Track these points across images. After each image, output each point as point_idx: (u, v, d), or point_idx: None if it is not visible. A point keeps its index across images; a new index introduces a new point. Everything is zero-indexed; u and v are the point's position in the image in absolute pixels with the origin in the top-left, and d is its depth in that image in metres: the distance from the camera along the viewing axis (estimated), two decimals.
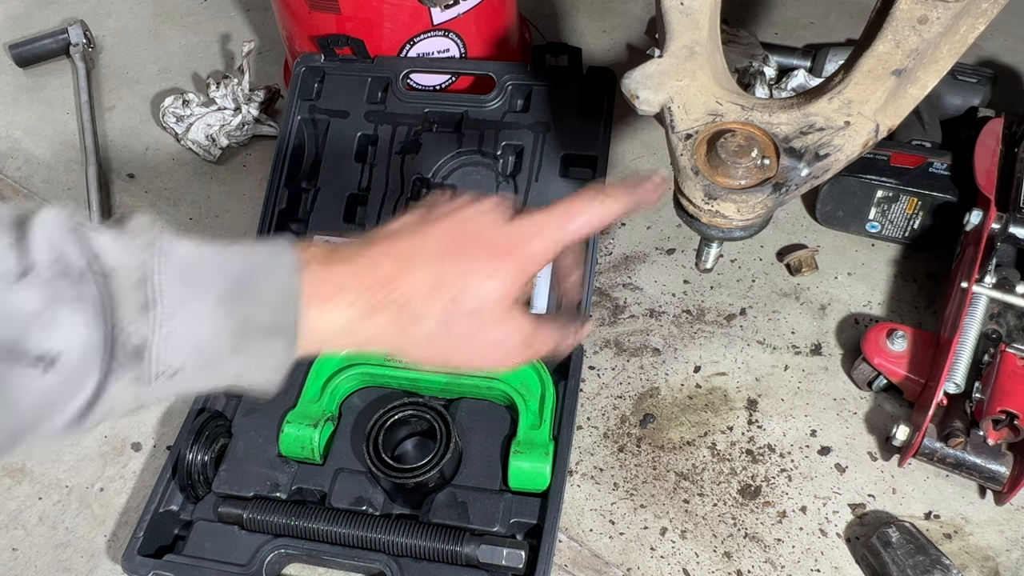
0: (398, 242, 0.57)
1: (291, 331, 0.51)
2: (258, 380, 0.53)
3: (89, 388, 0.46)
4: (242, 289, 0.50)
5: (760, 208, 0.74)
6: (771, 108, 0.77)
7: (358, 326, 0.54)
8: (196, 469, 0.92)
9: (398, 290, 0.55)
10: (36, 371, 0.44)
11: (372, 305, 0.54)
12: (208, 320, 0.49)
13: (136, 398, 0.49)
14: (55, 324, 0.44)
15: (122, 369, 0.47)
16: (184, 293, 0.48)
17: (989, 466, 0.89)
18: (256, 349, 0.51)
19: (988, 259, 0.95)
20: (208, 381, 0.51)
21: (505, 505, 0.89)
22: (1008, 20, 1.10)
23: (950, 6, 0.67)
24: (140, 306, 0.47)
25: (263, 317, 0.50)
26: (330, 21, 1.19)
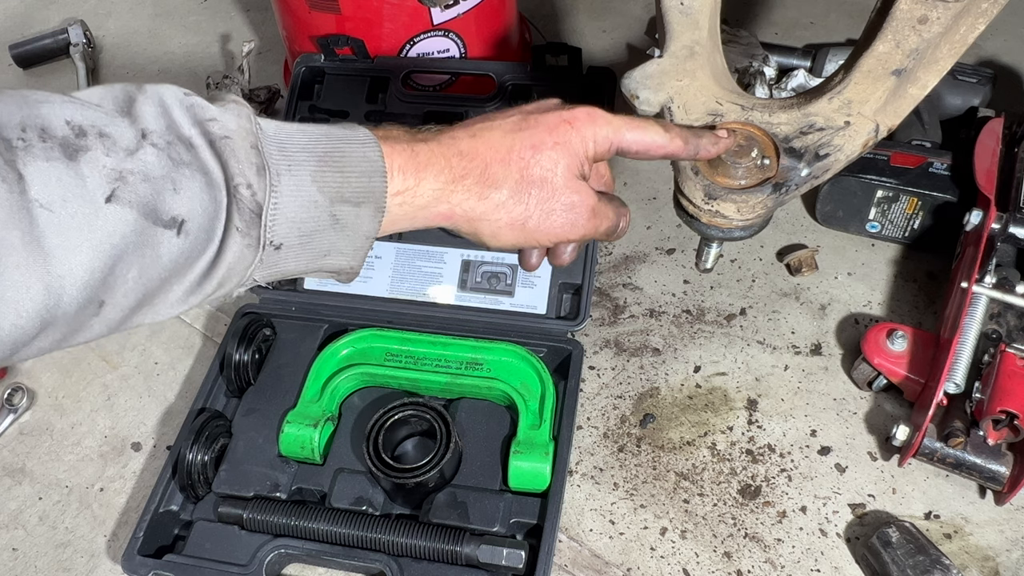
0: (471, 125, 0.63)
1: (379, 199, 0.56)
2: (344, 259, 0.57)
3: (209, 253, 0.49)
4: (331, 162, 0.54)
5: (760, 208, 0.74)
6: (771, 108, 0.77)
7: (447, 192, 0.60)
8: (196, 469, 0.92)
9: (478, 157, 0.60)
10: (171, 233, 0.46)
11: (458, 173, 0.60)
12: (307, 190, 0.52)
13: (247, 266, 0.51)
14: (179, 188, 0.46)
15: (244, 229, 0.50)
16: (284, 163, 0.51)
17: (989, 466, 0.89)
18: (348, 220, 0.55)
19: (988, 259, 0.95)
20: (302, 259, 0.55)
21: (505, 505, 0.89)
22: (1008, 20, 1.10)
23: (950, 6, 0.67)
24: (258, 168, 0.50)
25: (353, 186, 0.54)
26: (330, 21, 1.19)
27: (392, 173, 0.57)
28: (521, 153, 0.61)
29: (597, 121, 0.64)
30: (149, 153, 0.46)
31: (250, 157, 0.49)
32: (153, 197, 0.45)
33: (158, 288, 0.48)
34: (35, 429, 1.07)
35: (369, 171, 0.55)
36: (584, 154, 0.63)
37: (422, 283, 1.08)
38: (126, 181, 0.44)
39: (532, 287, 1.05)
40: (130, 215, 0.44)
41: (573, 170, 0.63)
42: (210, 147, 0.48)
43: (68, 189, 0.43)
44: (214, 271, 0.50)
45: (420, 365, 0.99)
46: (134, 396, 1.09)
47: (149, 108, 0.48)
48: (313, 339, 1.05)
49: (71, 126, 0.44)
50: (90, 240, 0.43)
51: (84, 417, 1.07)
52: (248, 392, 1.01)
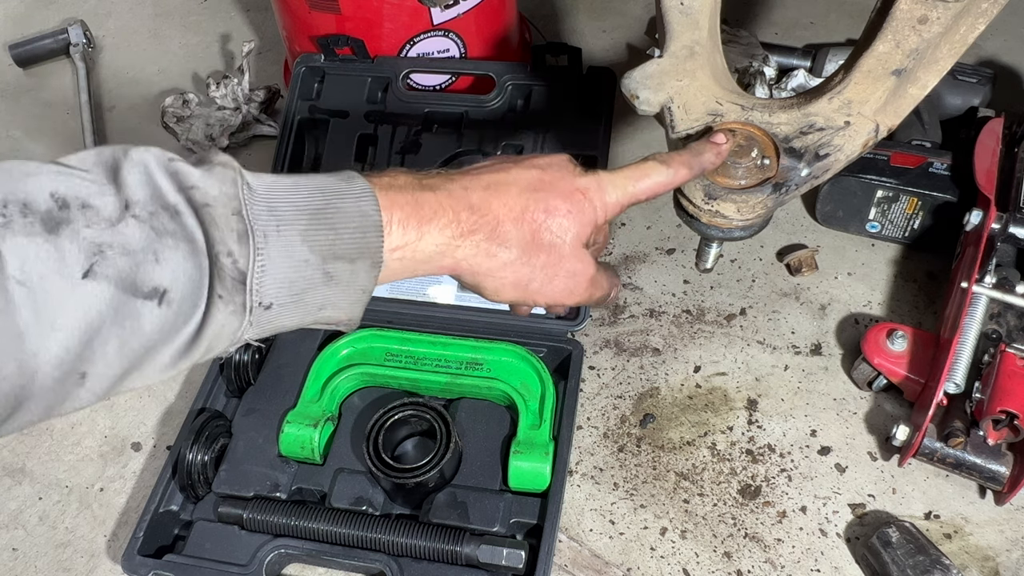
0: (484, 175, 0.61)
1: (375, 254, 0.55)
2: (341, 312, 0.56)
3: (195, 320, 0.48)
4: (323, 218, 0.52)
5: (760, 208, 0.74)
6: (771, 108, 0.77)
7: (452, 247, 0.58)
8: (196, 469, 0.92)
9: (490, 212, 0.59)
10: (152, 304, 0.46)
11: (467, 227, 0.58)
12: (298, 250, 0.51)
13: (235, 331, 0.51)
14: (160, 259, 0.46)
15: (227, 296, 0.49)
16: (272, 225, 0.50)
17: (989, 466, 0.89)
18: (342, 276, 0.54)
19: (988, 259, 0.95)
20: (296, 316, 0.53)
21: (505, 505, 0.89)
22: (1008, 20, 1.10)
23: (950, 6, 0.67)
24: (240, 234, 0.48)
25: (346, 243, 0.53)
26: (330, 21, 1.19)
27: (391, 227, 0.55)
28: (535, 215, 0.61)
29: (606, 189, 0.64)
30: (131, 225, 0.45)
31: (230, 224, 0.48)
32: (132, 270, 0.45)
33: (143, 357, 0.48)
34: (35, 429, 1.07)
35: (364, 226, 0.54)
36: (595, 223, 0.64)
37: (422, 283, 1.07)
38: (104, 255, 0.44)
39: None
40: (107, 290, 0.44)
41: (581, 239, 0.63)
42: (194, 214, 0.48)
43: (45, 265, 0.42)
44: (200, 338, 0.49)
45: (420, 365, 0.99)
46: (134, 396, 1.09)
47: (133, 176, 0.47)
48: (313, 339, 1.05)
49: (55, 198, 0.44)
50: (65, 317, 0.43)
51: (84, 417, 1.07)
52: (248, 392, 1.01)
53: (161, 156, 0.49)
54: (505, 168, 0.63)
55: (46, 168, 0.46)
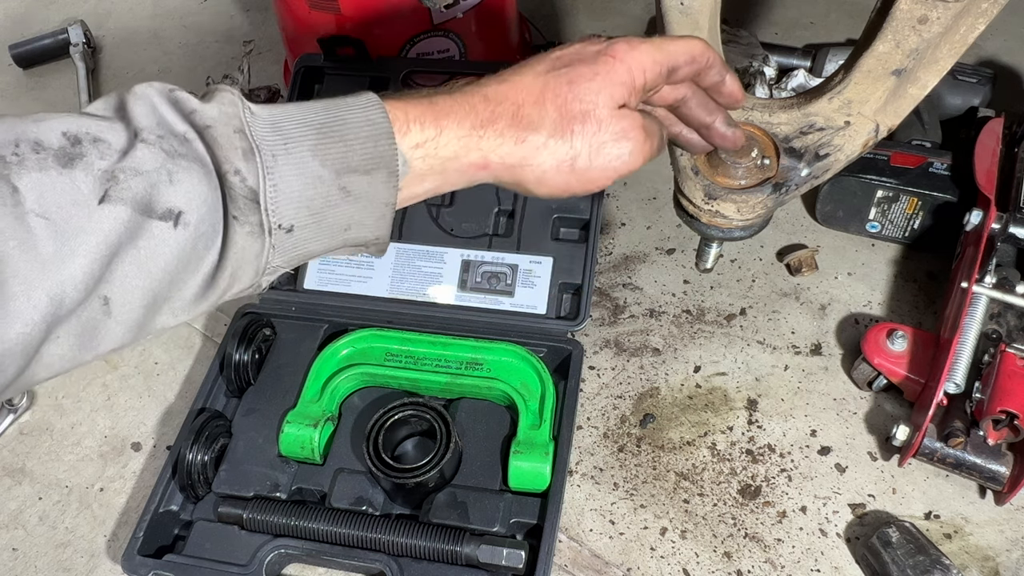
0: (501, 73, 0.58)
1: (390, 163, 0.53)
2: (367, 230, 0.54)
3: (216, 245, 0.49)
4: (331, 132, 0.51)
5: (760, 208, 0.74)
6: (771, 108, 0.77)
7: (475, 139, 0.55)
8: (196, 469, 0.92)
9: (507, 99, 0.56)
10: (167, 225, 0.46)
11: (485, 117, 0.55)
12: (309, 166, 0.50)
13: (258, 254, 0.50)
14: (174, 179, 0.46)
15: (242, 217, 0.49)
16: (279, 142, 0.50)
17: (989, 466, 0.89)
18: (360, 190, 0.52)
19: (988, 259, 0.95)
20: (321, 238, 0.53)
21: (505, 505, 0.89)
22: (1008, 20, 1.10)
23: (950, 6, 0.67)
24: (245, 152, 0.48)
25: (358, 154, 0.52)
26: (330, 21, 1.19)
27: (408, 125, 0.54)
28: (556, 90, 0.57)
29: (639, 48, 0.58)
30: (140, 149, 0.46)
31: (233, 142, 0.48)
32: (147, 191, 0.46)
33: (167, 285, 0.48)
34: (35, 429, 1.07)
35: (374, 135, 0.52)
36: (632, 85, 0.58)
37: (422, 283, 1.07)
38: (117, 180, 0.45)
39: (532, 287, 1.05)
40: (123, 212, 0.45)
41: (616, 100, 0.58)
42: (200, 138, 0.48)
43: (62, 196, 0.44)
44: (223, 264, 0.49)
45: (420, 365, 0.99)
46: (134, 396, 1.09)
47: (139, 108, 0.48)
48: (313, 339, 1.05)
49: (67, 136, 0.45)
50: (85, 242, 0.44)
51: (84, 417, 1.07)
52: (248, 392, 1.01)
53: (162, 87, 0.50)
54: (521, 63, 0.60)
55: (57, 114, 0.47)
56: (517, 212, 1.09)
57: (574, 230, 1.10)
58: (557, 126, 0.57)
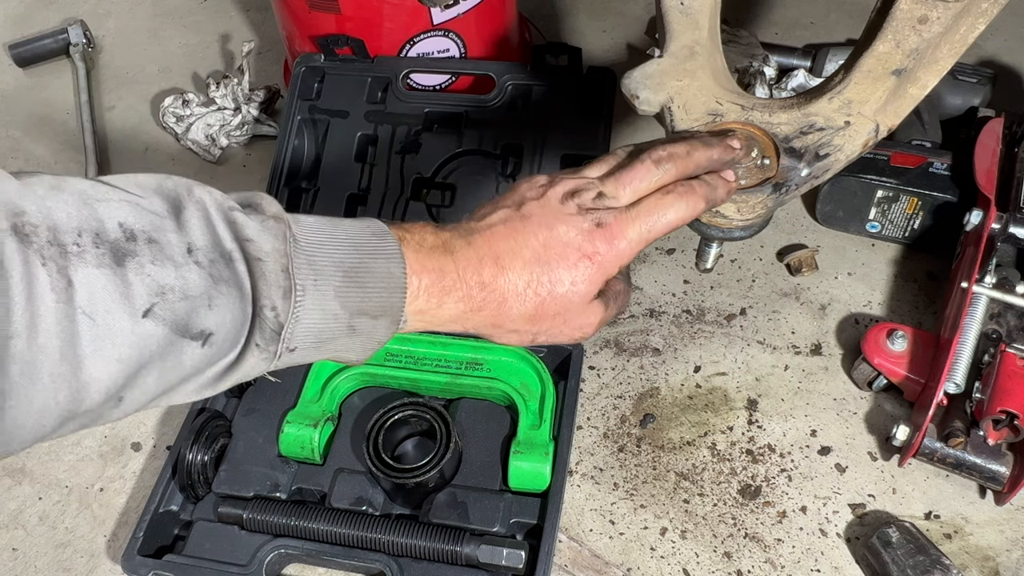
0: (496, 243, 0.63)
1: (396, 313, 0.58)
2: (353, 355, 0.59)
3: (229, 359, 0.51)
4: (356, 276, 0.55)
5: (760, 208, 0.74)
6: (771, 108, 0.77)
7: (464, 317, 0.62)
8: (196, 469, 0.92)
9: (497, 291, 0.62)
10: (197, 344, 0.48)
11: (477, 303, 0.62)
12: (330, 305, 0.54)
13: (261, 370, 0.54)
14: (213, 304, 0.48)
15: (263, 345, 0.52)
16: (311, 279, 0.53)
17: (989, 466, 0.89)
18: (364, 329, 0.57)
19: (988, 259, 0.95)
20: (314, 356, 0.57)
21: (505, 505, 0.89)
22: (1008, 20, 1.10)
23: (950, 6, 0.67)
24: (285, 291, 0.51)
25: (373, 301, 0.56)
26: (330, 21, 1.19)
27: (419, 292, 0.59)
28: (538, 289, 0.62)
29: (617, 244, 0.63)
30: (193, 272, 0.47)
31: (279, 280, 0.51)
32: (188, 315, 0.47)
33: (176, 386, 0.50)
34: None
35: (391, 287, 0.57)
36: (604, 279, 0.64)
37: None
38: (166, 298, 0.46)
39: None
40: (162, 330, 0.46)
41: (590, 298, 0.64)
42: (246, 264, 0.50)
43: (112, 299, 0.44)
44: (230, 375, 0.52)
45: (420, 365, 0.99)
46: None
47: (196, 220, 0.49)
48: None
49: (123, 229, 0.46)
50: (120, 351, 0.45)
51: None
52: (248, 392, 1.01)
53: (222, 201, 0.51)
54: (515, 232, 0.63)
55: (114, 194, 0.47)
56: None
57: None
58: (530, 320, 0.63)
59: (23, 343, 0.41)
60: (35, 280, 0.41)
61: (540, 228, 0.63)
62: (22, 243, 0.42)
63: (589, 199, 0.64)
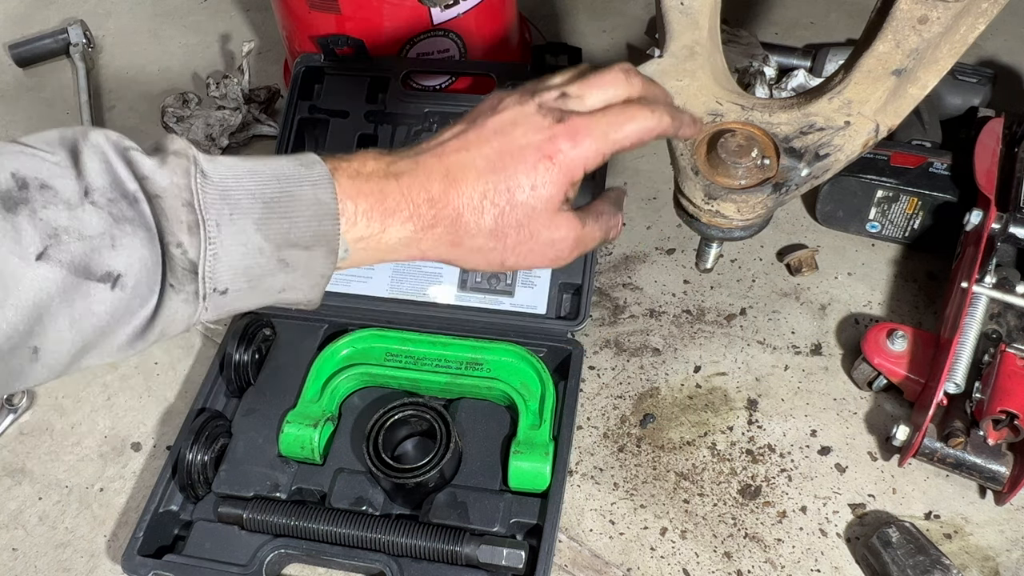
0: (446, 157, 0.59)
1: (332, 242, 0.54)
2: (300, 294, 0.56)
3: (150, 305, 0.50)
4: (278, 207, 0.52)
5: (760, 208, 0.74)
6: (771, 108, 0.77)
7: (416, 240, 0.58)
8: (196, 469, 0.92)
9: (449, 205, 0.57)
10: (105, 287, 0.47)
11: (427, 221, 0.57)
12: (251, 239, 0.51)
13: (191, 316, 0.52)
14: (117, 244, 0.47)
15: (178, 285, 0.50)
16: (225, 214, 0.50)
17: (989, 466, 0.89)
18: (298, 263, 0.54)
19: (988, 259, 0.95)
20: (255, 299, 0.54)
21: (505, 505, 0.89)
22: (1008, 20, 1.10)
23: (950, 6, 0.67)
24: (190, 226, 0.49)
25: (301, 231, 0.53)
26: (330, 21, 1.19)
27: (356, 218, 0.55)
28: (495, 199, 0.57)
29: (581, 142, 0.58)
30: (88, 212, 0.46)
31: (179, 216, 0.49)
32: (87, 255, 0.46)
33: (97, 337, 0.49)
34: (35, 429, 1.07)
35: (320, 214, 0.53)
36: (570, 181, 0.59)
37: (422, 283, 1.07)
38: (59, 240, 0.45)
39: (532, 287, 1.05)
40: (59, 273, 0.45)
41: (553, 206, 0.59)
42: (149, 204, 0.49)
43: (1, 245, 0.44)
44: (154, 323, 0.50)
45: (420, 365, 0.99)
46: (134, 396, 1.09)
47: (93, 162, 0.48)
48: (313, 339, 1.05)
49: (15, 178, 0.45)
50: (15, 295, 0.44)
51: (84, 417, 1.07)
52: (248, 392, 1.01)
53: (118, 142, 0.49)
54: (467, 144, 0.59)
55: (8, 147, 0.47)
56: None
57: None
58: (492, 234, 0.59)
59: None
60: None
61: (495, 135, 0.59)
62: None
63: (551, 98, 0.60)
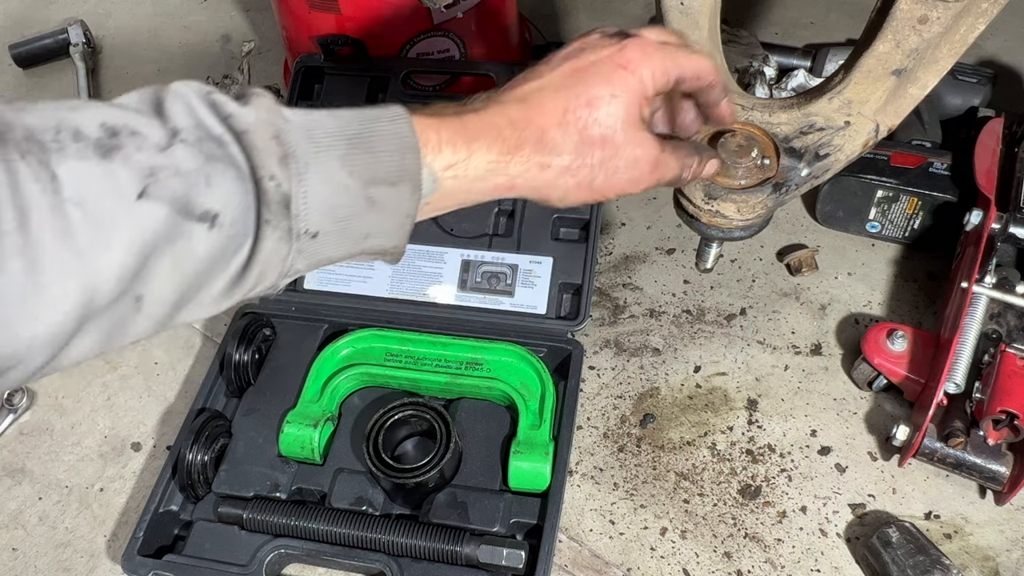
0: (519, 88, 0.60)
1: (414, 177, 0.54)
2: (386, 239, 0.56)
3: (246, 247, 0.49)
4: (361, 143, 0.52)
5: (760, 208, 0.74)
6: (771, 108, 0.77)
7: (503, 165, 0.58)
8: (196, 469, 0.92)
9: (532, 124, 0.58)
10: (203, 227, 0.47)
11: (512, 144, 0.57)
12: (338, 175, 0.51)
13: (284, 260, 0.51)
14: (211, 182, 0.47)
15: (274, 221, 0.49)
16: (311, 152, 0.51)
17: (989, 466, 0.89)
18: (385, 201, 0.54)
19: (988, 259, 0.95)
20: (342, 245, 0.54)
21: (505, 505, 0.89)
22: (1008, 20, 1.10)
23: (950, 6, 0.67)
24: (280, 159, 0.49)
25: (386, 166, 0.53)
26: (330, 21, 1.19)
27: (441, 146, 0.55)
28: (577, 113, 0.58)
29: (652, 56, 0.60)
30: (180, 149, 0.46)
31: (270, 148, 0.49)
32: (185, 191, 0.46)
33: (197, 283, 0.49)
34: (35, 429, 1.07)
35: (402, 148, 0.54)
36: (644, 95, 0.60)
37: (422, 283, 1.07)
38: (157, 177, 0.45)
39: (532, 287, 1.05)
40: (161, 210, 0.45)
41: (633, 120, 0.60)
42: (236, 142, 0.49)
43: (101, 186, 0.43)
44: (251, 265, 0.50)
45: (420, 365, 0.99)
46: (134, 396, 1.09)
47: (176, 107, 0.48)
48: (313, 339, 1.05)
49: (104, 127, 0.45)
50: (122, 236, 0.44)
51: (84, 417, 1.07)
52: (248, 392, 1.01)
53: (199, 88, 0.50)
54: (538, 74, 0.61)
55: (91, 103, 0.46)
56: (517, 212, 1.09)
57: (574, 230, 1.10)
58: (578, 151, 0.59)
59: (18, 239, 0.40)
60: (16, 173, 0.40)
61: (564, 60, 0.61)
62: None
63: (613, 29, 0.63)
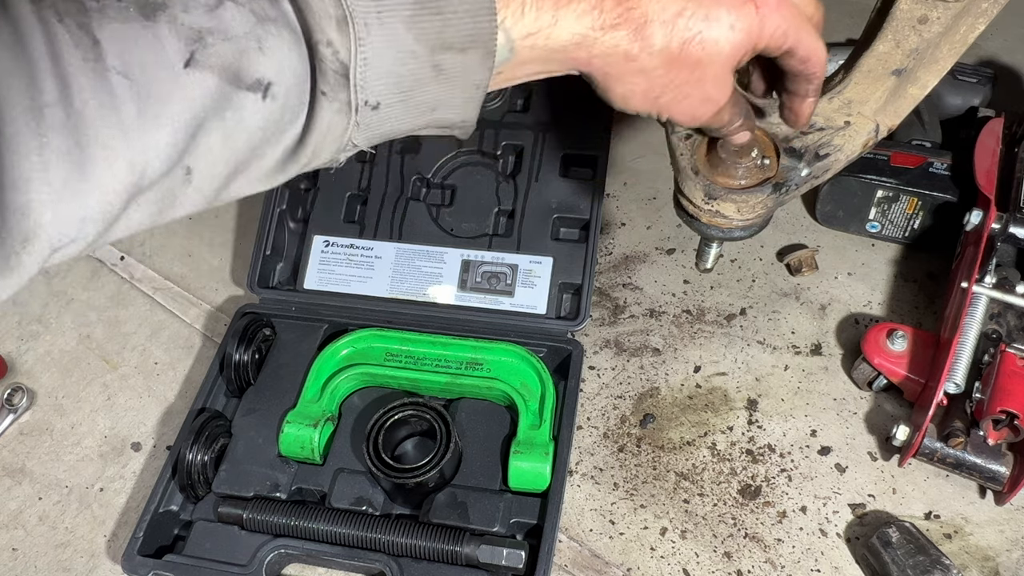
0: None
1: (488, 42, 0.49)
2: (454, 112, 0.51)
3: (301, 119, 0.46)
4: (430, 2, 0.47)
5: (760, 208, 0.74)
6: (771, 108, 0.77)
7: (590, 40, 0.52)
8: (196, 469, 0.92)
9: (640, 7, 0.52)
10: (256, 96, 0.43)
11: (609, 20, 0.51)
12: (402, 40, 0.46)
13: (342, 133, 0.47)
14: (264, 47, 0.43)
15: (331, 92, 0.46)
16: (373, 13, 0.45)
17: (989, 466, 0.89)
18: (453, 69, 0.48)
19: (988, 259, 0.95)
20: (406, 118, 0.49)
21: (505, 505, 0.89)
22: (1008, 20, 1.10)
23: (950, 6, 0.67)
24: (338, 21, 0.44)
25: (455, 30, 0.47)
26: None
27: (524, 9, 0.49)
28: (690, 22, 0.52)
29: (783, 12, 0.55)
30: (229, 9, 0.42)
31: (327, 10, 0.44)
32: (236, 58, 0.42)
33: (248, 157, 0.46)
34: (35, 429, 1.07)
35: (475, 10, 0.47)
36: (753, 43, 0.56)
37: (422, 283, 1.07)
38: (205, 43, 0.41)
39: (532, 287, 1.05)
40: (211, 80, 0.42)
41: (731, 63, 0.56)
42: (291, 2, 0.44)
43: (145, 55, 0.40)
44: (307, 139, 0.47)
45: (420, 365, 0.99)
46: (134, 396, 1.09)
47: None
48: (313, 339, 1.05)
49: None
50: (170, 110, 0.41)
51: (84, 417, 1.07)
52: (248, 392, 1.01)
53: None
54: None
55: None
56: (517, 212, 1.09)
57: (574, 230, 1.10)
58: (669, 61, 0.54)
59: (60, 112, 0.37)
60: (54, 37, 0.37)
61: None
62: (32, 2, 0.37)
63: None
